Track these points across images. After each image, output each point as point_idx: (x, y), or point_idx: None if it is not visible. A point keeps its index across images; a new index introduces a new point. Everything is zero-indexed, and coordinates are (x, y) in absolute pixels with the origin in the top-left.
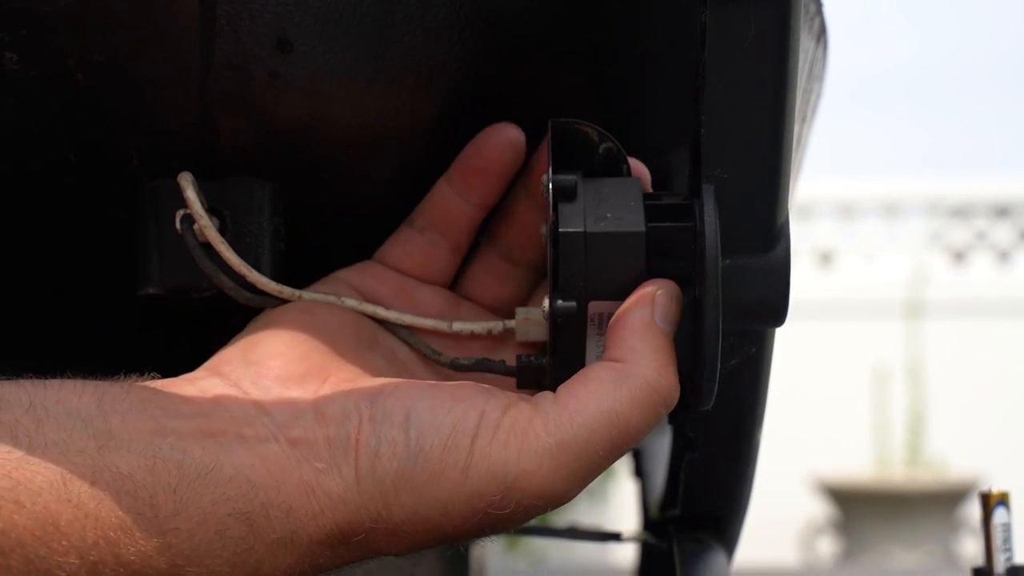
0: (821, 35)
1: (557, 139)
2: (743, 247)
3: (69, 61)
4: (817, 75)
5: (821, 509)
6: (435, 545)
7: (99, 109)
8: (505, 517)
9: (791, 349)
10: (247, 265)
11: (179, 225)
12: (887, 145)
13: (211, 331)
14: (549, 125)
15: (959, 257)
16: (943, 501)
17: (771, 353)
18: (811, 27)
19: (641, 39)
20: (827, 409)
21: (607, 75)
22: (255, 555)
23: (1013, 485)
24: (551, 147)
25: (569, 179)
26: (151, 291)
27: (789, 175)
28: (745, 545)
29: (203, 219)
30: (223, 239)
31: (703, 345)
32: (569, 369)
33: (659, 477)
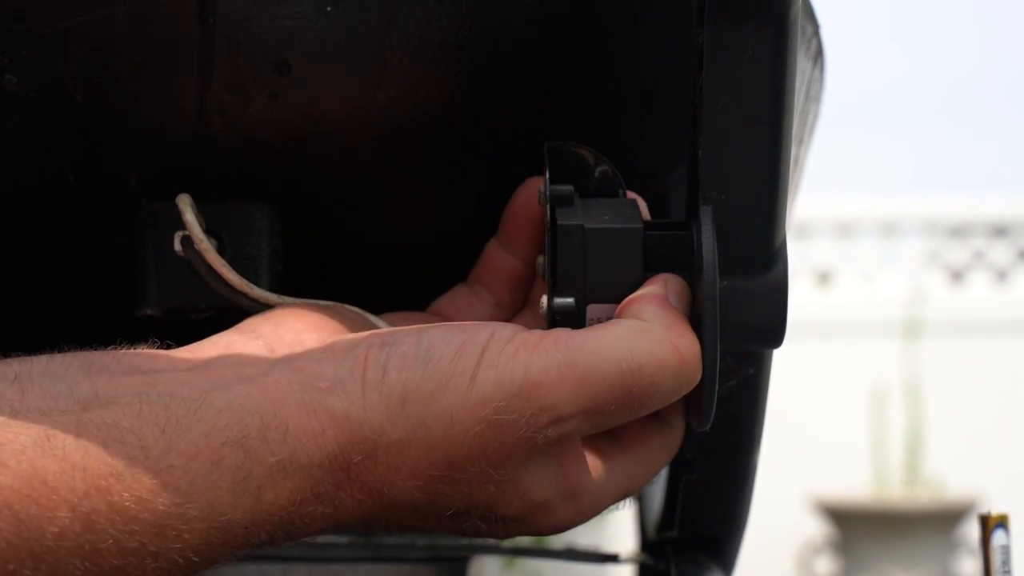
0: (818, 56)
1: (553, 161)
2: (741, 268)
3: (68, 83)
4: (814, 96)
5: (819, 529)
6: (438, 476)
7: (98, 131)
8: (507, 428)
9: (789, 368)
10: (248, 284)
11: (179, 247)
12: (878, 163)
13: None
14: (545, 148)
15: (957, 276)
16: (941, 521)
17: (769, 374)
18: (808, 48)
19: (639, 61)
20: (825, 428)
21: (604, 97)
22: (254, 481)
23: (1012, 505)
24: (548, 166)
25: (566, 188)
26: (149, 312)
27: (787, 197)
28: (743, 565)
29: (203, 242)
30: (223, 260)
31: (702, 366)
32: None
33: (657, 498)
